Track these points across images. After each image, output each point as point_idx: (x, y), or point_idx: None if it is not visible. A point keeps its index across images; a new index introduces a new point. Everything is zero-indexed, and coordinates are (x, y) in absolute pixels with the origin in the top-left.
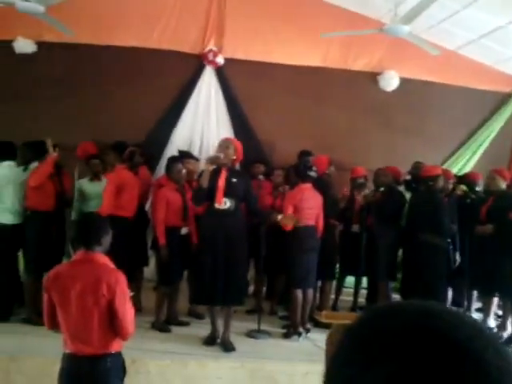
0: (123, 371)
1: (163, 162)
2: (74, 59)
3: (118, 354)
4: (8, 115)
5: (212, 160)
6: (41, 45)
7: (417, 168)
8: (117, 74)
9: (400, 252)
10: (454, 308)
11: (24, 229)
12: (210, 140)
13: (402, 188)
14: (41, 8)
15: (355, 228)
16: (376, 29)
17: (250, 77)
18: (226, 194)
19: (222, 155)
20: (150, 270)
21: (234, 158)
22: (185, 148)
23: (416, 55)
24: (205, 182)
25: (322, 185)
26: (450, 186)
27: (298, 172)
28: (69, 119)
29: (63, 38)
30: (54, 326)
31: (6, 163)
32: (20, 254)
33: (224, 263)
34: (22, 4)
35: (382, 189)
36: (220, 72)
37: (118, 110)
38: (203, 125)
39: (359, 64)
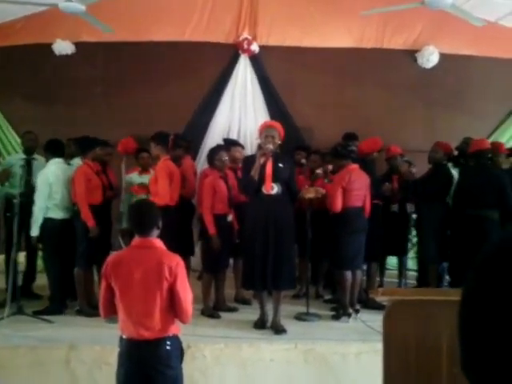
0: (182, 353)
1: (203, 151)
2: (111, 58)
3: (177, 337)
4: (49, 116)
5: (264, 153)
6: (79, 45)
7: (466, 143)
8: (154, 69)
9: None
10: None
11: (73, 223)
12: (247, 128)
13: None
14: (81, 7)
15: (394, 208)
16: (418, 2)
17: (286, 63)
18: (274, 180)
19: (271, 146)
20: (194, 260)
21: (280, 142)
22: (223, 136)
23: (456, 29)
24: (256, 174)
25: (368, 165)
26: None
27: (337, 153)
28: (109, 116)
29: (100, 37)
30: (111, 313)
31: (56, 160)
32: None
33: (274, 248)
34: (64, 4)
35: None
36: (255, 60)
37: (157, 104)
38: (240, 113)
39: (396, 42)
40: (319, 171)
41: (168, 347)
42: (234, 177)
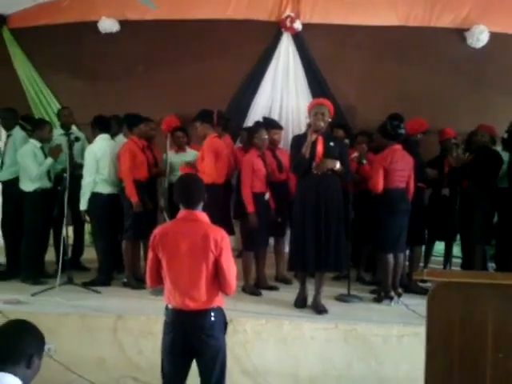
0: (225, 325)
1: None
2: (155, 36)
3: (221, 309)
4: (93, 91)
5: (315, 130)
6: (123, 23)
7: None
8: (197, 47)
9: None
10: None
11: (120, 198)
12: (288, 107)
13: (498, 148)
14: None
15: (445, 191)
16: None
17: (329, 41)
18: (323, 155)
19: (321, 124)
20: (232, 239)
21: (330, 120)
22: (265, 115)
23: (507, 7)
24: (307, 152)
25: (411, 146)
26: None
27: (386, 132)
28: (153, 95)
29: (145, 15)
30: (157, 283)
31: (102, 136)
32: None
33: (324, 228)
34: None
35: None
36: (298, 38)
37: (198, 83)
38: (282, 92)
39: (445, 20)
40: (354, 155)
41: (212, 318)
42: (272, 156)
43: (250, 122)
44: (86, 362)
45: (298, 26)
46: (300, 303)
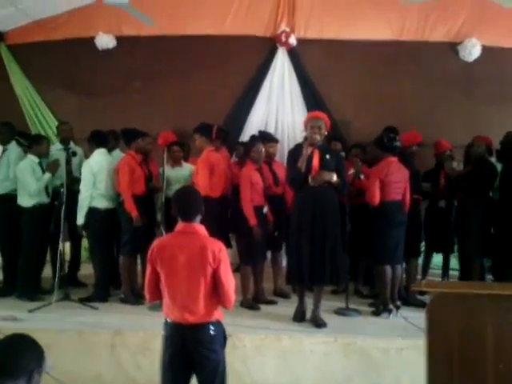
0: (225, 339)
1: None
2: (151, 51)
3: (220, 323)
4: (90, 107)
5: (311, 143)
6: (120, 39)
7: (509, 138)
8: (193, 62)
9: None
10: None
11: (117, 213)
12: (284, 121)
13: (493, 159)
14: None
15: (441, 203)
16: None
17: (324, 55)
18: (320, 169)
19: (317, 137)
20: (230, 253)
21: (326, 133)
22: (261, 129)
23: (499, 21)
24: (303, 165)
25: (407, 158)
26: None
27: (382, 144)
28: (150, 110)
29: (141, 31)
30: (156, 297)
31: (100, 151)
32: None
33: (320, 241)
34: None
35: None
36: (293, 53)
37: (195, 98)
38: (277, 106)
39: (438, 34)
40: (350, 172)
41: (212, 332)
42: (268, 169)
43: (246, 136)
44: (84, 378)
45: (292, 41)
46: (299, 317)
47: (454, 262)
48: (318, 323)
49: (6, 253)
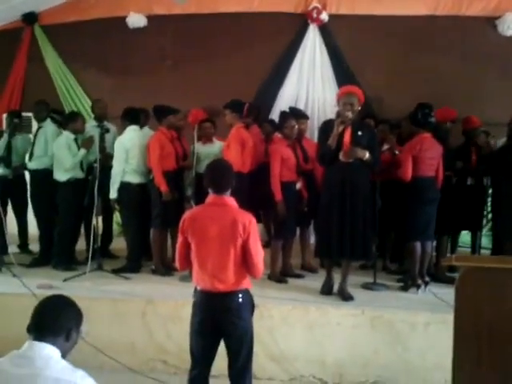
0: (252, 307)
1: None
2: (182, 30)
3: (248, 291)
4: (123, 87)
5: (343, 121)
6: (151, 18)
7: None
8: (224, 40)
9: None
10: None
11: (149, 187)
12: (315, 98)
13: None
14: None
15: (470, 181)
16: None
17: (355, 32)
18: (351, 145)
19: (350, 114)
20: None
21: (359, 108)
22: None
23: None
24: (334, 143)
25: (441, 135)
26: None
27: (416, 120)
28: (179, 86)
29: (172, 10)
30: (186, 266)
31: (132, 127)
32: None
33: (350, 217)
34: None
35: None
36: (324, 29)
37: (225, 75)
38: (308, 83)
39: (475, 9)
40: (385, 149)
41: (240, 300)
42: (299, 146)
43: (275, 113)
44: (117, 345)
45: (324, 17)
46: (326, 290)
47: (486, 241)
48: (345, 296)
49: (43, 225)
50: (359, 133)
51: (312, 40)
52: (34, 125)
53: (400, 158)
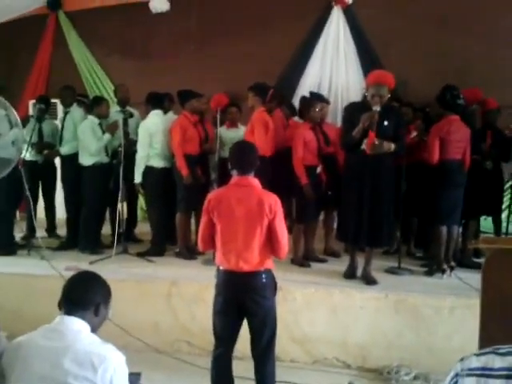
0: (275, 287)
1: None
2: (204, 13)
3: (271, 271)
4: (146, 72)
5: (368, 120)
6: (174, 2)
7: None
8: (246, 23)
9: None
10: None
11: (172, 172)
12: (338, 81)
13: None
14: None
15: (488, 165)
16: None
17: (381, 14)
18: (376, 136)
19: (378, 108)
20: None
21: (389, 96)
22: (314, 90)
23: None
24: (358, 134)
25: (467, 117)
26: None
27: (444, 101)
28: (202, 70)
29: None
30: (209, 247)
31: (156, 112)
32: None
33: (372, 203)
34: None
35: None
36: (348, 11)
37: (248, 58)
38: (332, 67)
39: None
40: (413, 135)
41: (264, 279)
42: (320, 130)
43: (297, 97)
44: (142, 325)
45: None
46: (350, 274)
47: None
48: (369, 280)
49: (70, 209)
50: (385, 123)
51: (336, 22)
52: (59, 111)
53: (427, 140)
